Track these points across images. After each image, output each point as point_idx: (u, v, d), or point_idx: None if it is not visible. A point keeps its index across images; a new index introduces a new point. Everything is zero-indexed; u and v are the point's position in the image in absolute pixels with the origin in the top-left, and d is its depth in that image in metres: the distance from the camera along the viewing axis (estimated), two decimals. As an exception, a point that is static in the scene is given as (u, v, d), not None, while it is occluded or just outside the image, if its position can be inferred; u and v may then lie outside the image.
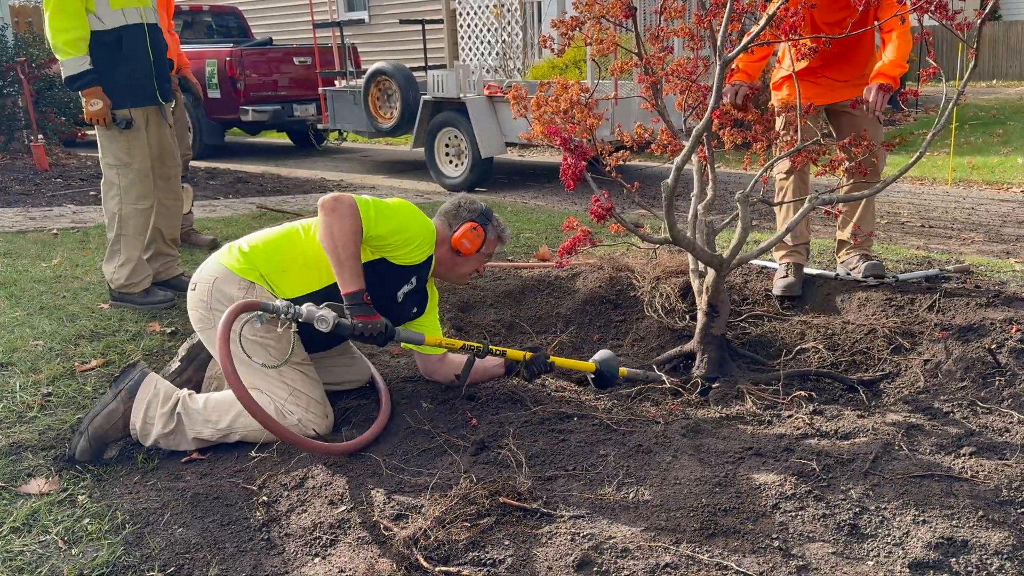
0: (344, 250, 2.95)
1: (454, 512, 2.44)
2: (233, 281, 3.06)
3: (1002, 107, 13.88)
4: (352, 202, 2.97)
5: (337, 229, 2.94)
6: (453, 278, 3.46)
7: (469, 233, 3.27)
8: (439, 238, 3.30)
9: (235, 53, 11.56)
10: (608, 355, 3.59)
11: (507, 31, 10.47)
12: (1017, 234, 6.41)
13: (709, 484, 2.60)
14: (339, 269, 2.97)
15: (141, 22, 4.46)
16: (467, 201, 3.38)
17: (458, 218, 3.32)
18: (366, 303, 2.99)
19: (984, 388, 3.29)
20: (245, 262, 3.09)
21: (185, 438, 3.01)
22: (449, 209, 3.36)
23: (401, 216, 3.14)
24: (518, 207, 7.69)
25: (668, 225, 3.39)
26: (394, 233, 3.08)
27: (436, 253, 3.30)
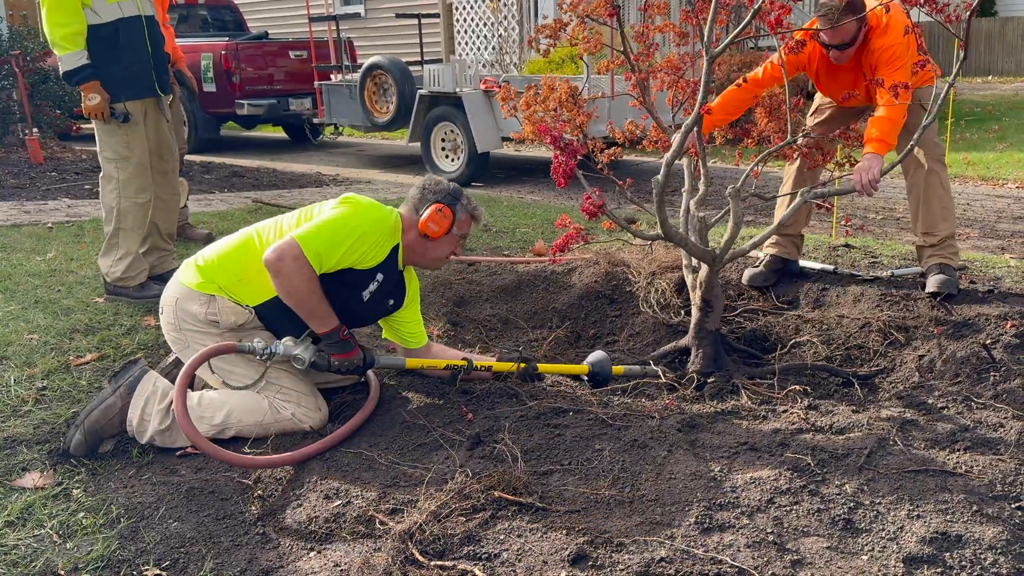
0: (305, 303, 2.96)
1: (450, 506, 2.44)
2: (193, 298, 3.08)
3: (997, 103, 13.89)
4: (296, 254, 2.89)
5: (290, 288, 2.92)
6: (428, 264, 3.36)
7: (435, 216, 3.17)
8: (405, 225, 3.22)
9: (231, 47, 11.53)
10: (601, 356, 3.58)
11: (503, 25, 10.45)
12: (1012, 230, 6.42)
13: (704, 479, 2.61)
14: (308, 319, 3.00)
15: (138, 14, 4.44)
16: (432, 183, 3.28)
17: (424, 201, 3.22)
18: (343, 339, 3.05)
19: (979, 383, 3.29)
20: (202, 277, 3.10)
21: (180, 435, 3.01)
22: (414, 194, 3.26)
23: (351, 231, 3.03)
24: (514, 202, 7.69)
25: (659, 221, 3.39)
26: (349, 253, 3.01)
27: (404, 241, 3.21)
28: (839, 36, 3.85)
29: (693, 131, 3.49)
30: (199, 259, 3.16)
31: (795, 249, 4.58)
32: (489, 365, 3.41)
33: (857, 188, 3.65)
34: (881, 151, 3.72)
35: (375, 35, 15.60)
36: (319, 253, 2.93)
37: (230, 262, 3.11)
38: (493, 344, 4.00)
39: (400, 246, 3.22)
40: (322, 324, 3.02)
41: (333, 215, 3.05)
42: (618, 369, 3.60)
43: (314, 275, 2.93)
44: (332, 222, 3.02)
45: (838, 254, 5.13)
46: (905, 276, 4.41)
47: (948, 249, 4.19)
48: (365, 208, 3.14)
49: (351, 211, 3.09)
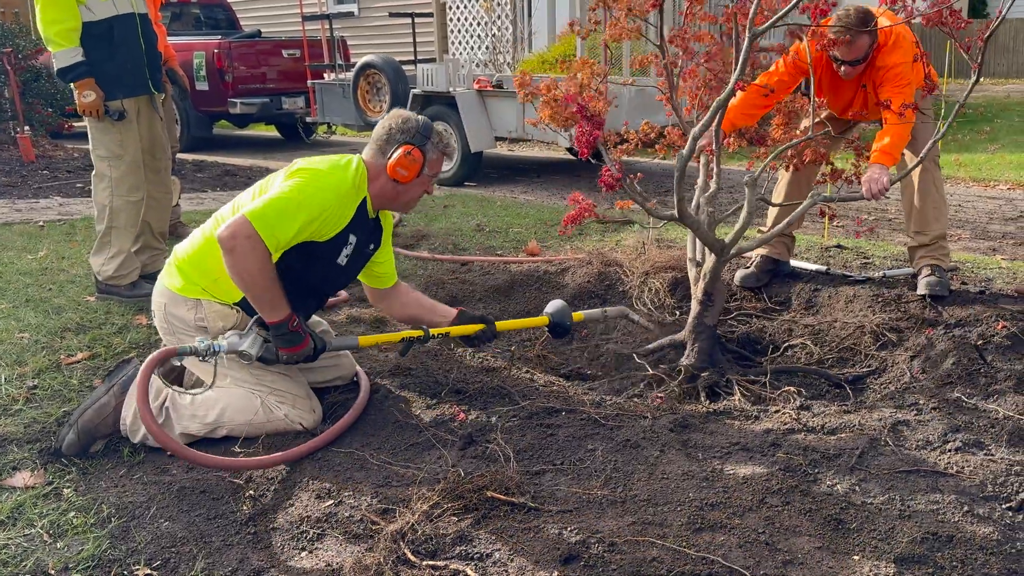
0: (256, 287, 2.82)
1: (442, 506, 2.44)
2: (180, 303, 3.04)
3: (989, 105, 13.93)
4: (249, 232, 2.74)
5: (242, 270, 2.78)
6: (400, 208, 3.21)
7: (404, 160, 3.01)
8: (371, 173, 3.07)
9: (223, 45, 11.50)
10: (560, 304, 3.57)
11: (497, 25, 10.44)
12: (1003, 231, 6.44)
13: (696, 479, 2.61)
14: (258, 305, 2.87)
15: (132, 12, 4.43)
16: (399, 121, 3.08)
17: (391, 142, 3.05)
18: (291, 331, 2.91)
19: (970, 384, 3.30)
20: (184, 279, 3.04)
21: (173, 434, 2.99)
22: (380, 135, 3.08)
23: (303, 203, 2.86)
24: (507, 202, 7.69)
25: (676, 199, 3.37)
26: (307, 225, 2.87)
27: (372, 190, 3.07)
28: (854, 53, 3.89)
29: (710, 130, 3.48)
30: (178, 256, 3.10)
31: (786, 250, 4.60)
32: (447, 331, 3.34)
33: (867, 197, 3.68)
34: (887, 163, 3.78)
35: (369, 34, 15.58)
36: (273, 229, 2.78)
37: (202, 259, 3.03)
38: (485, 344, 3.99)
39: (368, 197, 3.08)
40: (272, 312, 2.87)
41: (285, 188, 2.89)
42: (578, 315, 3.60)
43: (268, 256, 2.79)
44: (284, 195, 2.86)
45: (830, 255, 5.14)
46: (897, 277, 4.42)
47: (939, 250, 4.21)
48: (318, 175, 2.96)
49: (303, 181, 2.92)
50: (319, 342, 3.04)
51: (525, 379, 3.51)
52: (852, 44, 3.85)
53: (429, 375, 3.47)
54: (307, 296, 3.11)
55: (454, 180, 9.00)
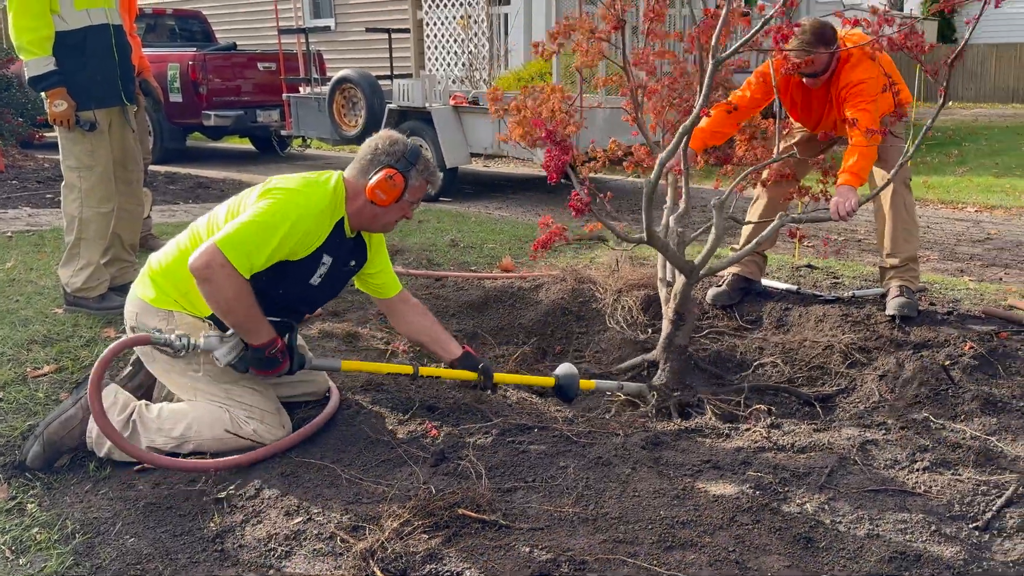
0: (234, 314, 2.80)
1: (412, 524, 2.42)
2: (152, 313, 3.01)
3: (958, 128, 14.16)
4: (222, 261, 2.70)
5: (220, 299, 2.76)
6: (377, 229, 3.16)
7: (384, 183, 2.95)
8: (350, 192, 3.01)
9: (198, 57, 11.45)
10: (570, 369, 3.44)
11: (473, 42, 10.48)
12: (971, 253, 6.53)
13: (668, 497, 2.61)
14: (237, 330, 2.86)
15: (106, 23, 4.40)
16: (387, 143, 3.02)
17: (374, 163, 2.99)
18: (268, 357, 2.88)
19: (937, 404, 3.34)
20: (157, 290, 3.01)
21: (139, 447, 2.96)
22: (365, 154, 3.02)
23: (277, 225, 2.81)
24: (482, 218, 7.69)
25: (645, 223, 3.39)
26: (280, 247, 2.82)
27: (350, 210, 3.02)
28: (811, 66, 3.93)
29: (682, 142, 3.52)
30: (152, 266, 3.07)
31: (758, 269, 4.64)
32: (438, 374, 3.31)
33: (834, 218, 3.71)
34: (855, 183, 3.80)
35: (345, 49, 15.58)
36: (247, 256, 2.74)
37: (176, 271, 2.99)
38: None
39: (346, 218, 3.03)
40: (253, 336, 2.85)
41: (257, 210, 2.83)
42: (588, 384, 3.48)
43: (244, 284, 2.76)
44: (256, 219, 2.80)
45: (801, 274, 5.19)
46: (866, 297, 4.47)
47: (909, 271, 4.26)
48: (291, 195, 2.90)
49: (276, 203, 2.86)
50: (298, 361, 3.01)
51: (498, 396, 3.50)
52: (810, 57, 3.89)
53: (402, 391, 3.46)
54: (280, 313, 3.07)
55: (429, 196, 9.00)
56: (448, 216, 7.64)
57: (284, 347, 2.94)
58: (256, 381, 3.06)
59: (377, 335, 4.14)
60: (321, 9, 16.48)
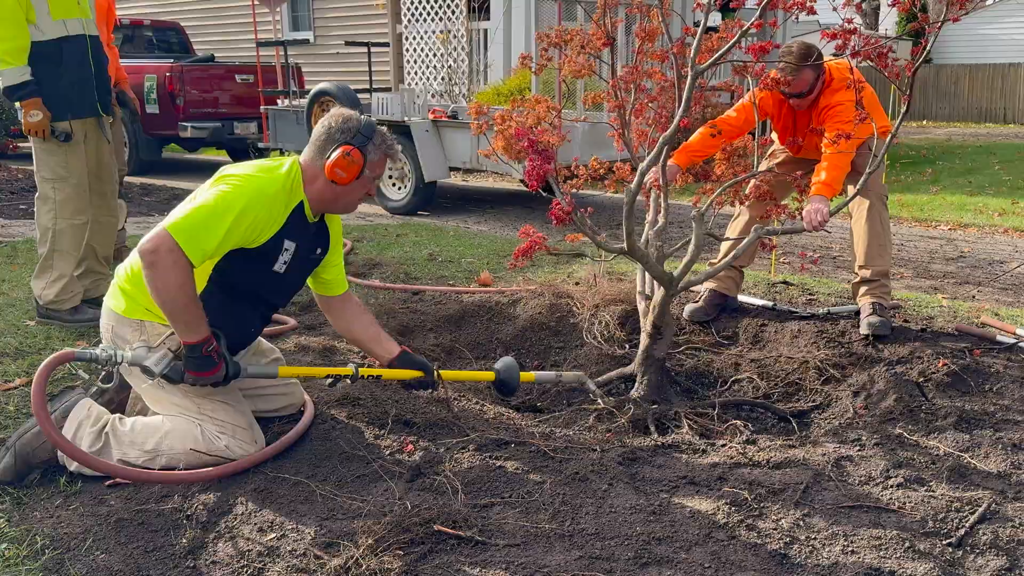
0: (172, 303, 2.71)
1: (388, 540, 2.41)
2: (124, 324, 2.96)
3: (931, 147, 14.35)
4: (171, 246, 2.63)
5: (161, 285, 2.66)
6: (339, 210, 3.10)
7: (342, 161, 2.87)
8: (308, 175, 2.94)
9: (175, 68, 11.40)
10: (509, 362, 3.47)
11: (453, 57, 10.51)
12: (944, 270, 6.60)
13: (644, 513, 2.61)
14: (173, 322, 2.76)
15: (82, 33, 4.37)
16: (339, 120, 2.95)
17: (330, 142, 2.92)
18: (204, 355, 2.78)
19: (911, 420, 3.36)
20: (126, 299, 2.96)
21: (110, 460, 2.92)
22: (320, 134, 2.95)
23: (227, 210, 2.74)
24: (460, 232, 7.69)
25: (626, 233, 3.40)
26: (232, 231, 2.74)
27: (309, 193, 2.95)
28: (797, 86, 4.08)
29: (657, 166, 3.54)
30: (120, 277, 3.02)
31: (734, 285, 4.67)
32: (379, 374, 3.24)
33: (807, 228, 3.75)
34: (828, 194, 3.88)
35: (324, 62, 15.56)
36: (197, 240, 2.66)
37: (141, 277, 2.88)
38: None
39: (305, 201, 2.96)
40: (187, 332, 2.73)
41: (208, 196, 2.77)
42: (528, 376, 3.50)
43: (190, 272, 2.67)
44: (207, 204, 2.73)
45: (776, 290, 5.22)
46: (841, 314, 4.50)
47: (882, 288, 4.30)
48: (243, 180, 2.83)
49: (228, 188, 2.79)
50: (232, 369, 2.91)
51: (475, 410, 3.49)
52: (796, 78, 4.04)
53: (378, 405, 3.44)
54: (247, 306, 3.03)
55: (407, 209, 8.99)
56: (426, 230, 7.63)
57: (218, 348, 2.84)
58: (229, 395, 3.02)
59: (354, 348, 4.12)
60: (300, 22, 16.47)
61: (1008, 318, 4.65)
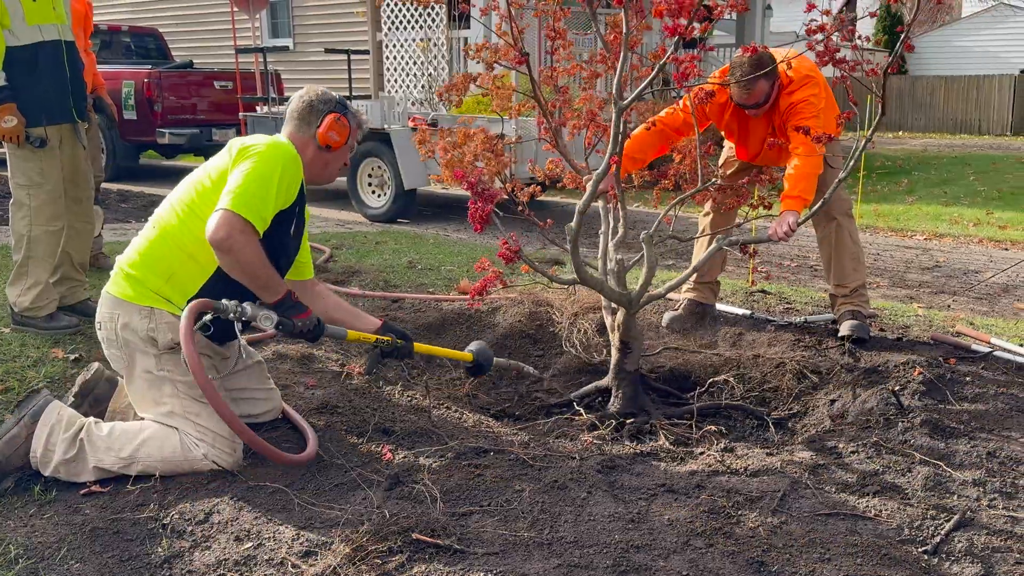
0: (259, 275, 2.86)
1: (366, 548, 2.40)
2: (133, 312, 2.97)
3: (907, 158, 14.50)
4: (242, 226, 2.77)
5: (245, 263, 2.80)
6: (326, 178, 3.26)
7: (335, 125, 3.08)
8: (300, 146, 3.09)
9: (153, 75, 11.34)
10: (482, 345, 3.75)
11: (433, 64, 10.52)
12: (920, 280, 6.66)
13: (622, 520, 2.62)
14: (261, 290, 2.90)
15: (58, 39, 4.34)
16: (317, 93, 3.14)
17: (315, 113, 3.10)
18: (296, 302, 2.97)
19: (887, 428, 3.39)
20: (135, 286, 2.98)
21: (86, 467, 2.89)
22: (300, 108, 3.11)
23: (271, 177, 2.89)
24: (440, 239, 7.69)
25: (575, 267, 3.44)
26: (279, 195, 2.91)
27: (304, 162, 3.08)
28: (753, 97, 3.95)
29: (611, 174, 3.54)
30: (124, 264, 3.04)
31: (712, 294, 4.69)
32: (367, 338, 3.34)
33: (774, 238, 3.74)
34: (798, 208, 3.80)
35: (303, 69, 15.52)
36: (259, 212, 2.82)
37: (155, 259, 2.99)
38: (415, 382, 3.97)
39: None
40: (275, 292, 2.92)
41: (249, 168, 2.88)
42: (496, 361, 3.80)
43: (259, 242, 2.83)
44: (253, 175, 2.86)
45: (754, 299, 5.25)
46: (818, 323, 4.53)
47: (859, 298, 4.34)
48: (268, 147, 2.96)
49: (261, 156, 2.92)
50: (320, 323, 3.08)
51: (454, 418, 3.49)
52: (751, 90, 3.91)
53: (356, 413, 3.43)
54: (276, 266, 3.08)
55: (387, 217, 8.98)
56: (406, 238, 7.62)
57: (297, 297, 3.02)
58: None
59: (332, 356, 4.11)
60: (279, 29, 16.43)
61: (983, 327, 4.70)
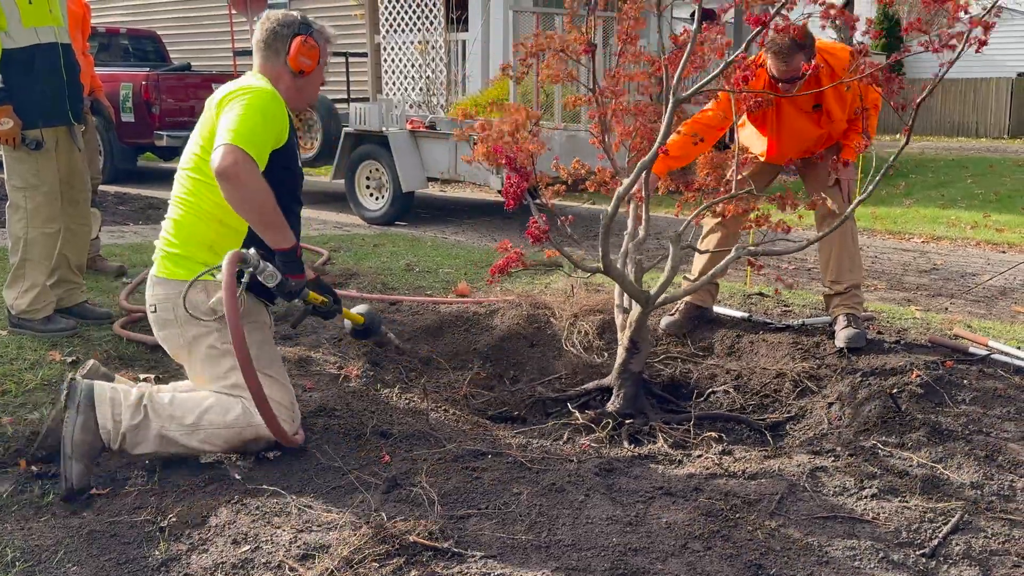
0: (265, 210, 2.84)
1: (363, 552, 2.39)
2: (193, 288, 2.94)
3: (905, 161, 14.50)
4: (244, 156, 2.75)
5: (251, 193, 2.79)
6: (305, 103, 3.24)
7: (303, 49, 3.03)
8: (274, 78, 3.06)
9: (151, 77, 11.34)
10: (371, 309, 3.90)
11: (431, 68, 10.52)
12: (918, 283, 6.67)
13: (620, 523, 2.62)
14: (268, 231, 2.89)
15: (55, 41, 4.33)
16: (277, 19, 3.08)
17: (280, 39, 3.05)
18: (298, 259, 2.97)
19: (885, 431, 3.39)
20: (184, 263, 3.00)
21: (149, 434, 2.91)
22: (265, 38, 3.07)
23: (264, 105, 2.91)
24: (438, 242, 7.69)
25: (602, 254, 3.41)
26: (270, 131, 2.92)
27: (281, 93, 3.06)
28: (790, 72, 3.94)
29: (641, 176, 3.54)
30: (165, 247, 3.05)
31: (710, 297, 4.69)
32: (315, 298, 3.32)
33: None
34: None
35: (302, 71, 15.51)
36: (260, 145, 2.82)
37: (189, 234, 3.01)
38: (413, 385, 3.97)
39: None
40: (283, 237, 2.91)
41: (241, 106, 2.88)
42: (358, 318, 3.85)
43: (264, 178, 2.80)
44: (247, 111, 2.86)
45: (752, 302, 5.25)
46: (816, 325, 4.53)
47: (854, 298, 4.33)
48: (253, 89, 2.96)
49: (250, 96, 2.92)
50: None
51: (451, 421, 3.49)
52: (788, 64, 3.91)
53: (354, 416, 3.42)
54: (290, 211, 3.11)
55: (385, 220, 8.98)
56: (404, 240, 7.62)
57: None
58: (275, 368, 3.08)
59: (330, 359, 4.10)
60: (278, 31, 16.41)
61: (980, 330, 4.70)
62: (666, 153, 3.53)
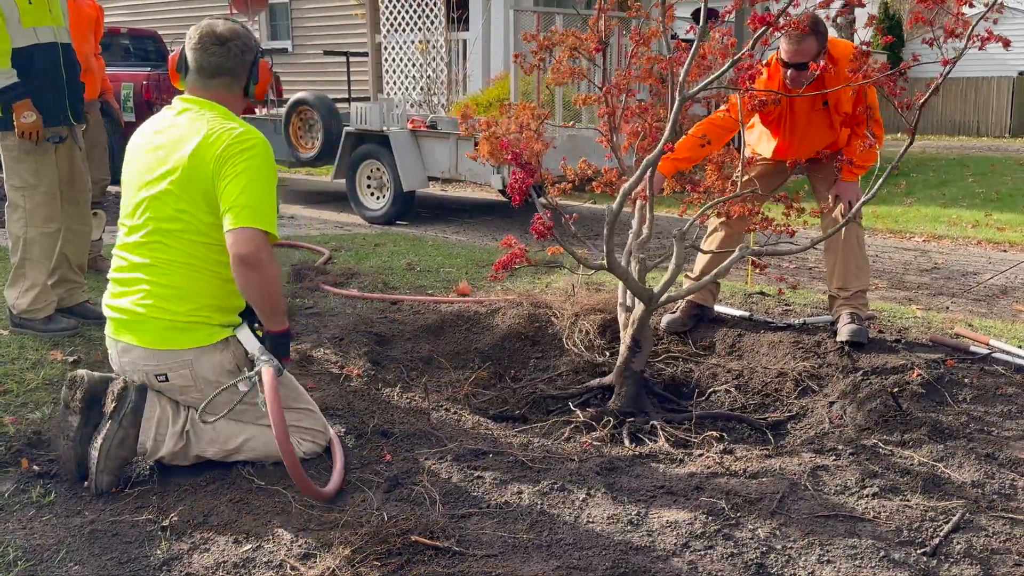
0: (276, 295, 2.81)
1: (365, 551, 2.40)
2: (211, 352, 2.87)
3: (906, 160, 14.46)
4: (264, 241, 2.71)
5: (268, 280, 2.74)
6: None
7: (267, 75, 3.00)
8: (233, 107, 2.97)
9: (152, 77, 11.34)
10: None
11: (432, 67, 10.52)
12: (918, 282, 6.67)
13: (621, 522, 2.62)
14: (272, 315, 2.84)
15: (54, 41, 4.34)
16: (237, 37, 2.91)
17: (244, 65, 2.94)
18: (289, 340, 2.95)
19: (886, 430, 3.39)
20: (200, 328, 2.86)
21: (188, 455, 2.93)
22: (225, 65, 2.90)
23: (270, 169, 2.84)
24: (439, 242, 7.69)
25: (606, 251, 3.42)
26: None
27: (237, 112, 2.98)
28: (800, 56, 3.94)
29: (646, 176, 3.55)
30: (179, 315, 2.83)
31: (711, 296, 4.69)
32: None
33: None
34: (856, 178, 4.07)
35: (302, 71, 15.54)
36: (272, 221, 2.76)
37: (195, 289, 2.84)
38: (414, 384, 3.97)
39: None
40: (281, 321, 2.88)
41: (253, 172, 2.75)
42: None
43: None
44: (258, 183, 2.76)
45: (753, 301, 5.25)
46: (816, 324, 4.53)
47: (858, 300, 4.33)
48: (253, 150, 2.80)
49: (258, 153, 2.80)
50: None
51: (452, 420, 3.49)
52: (799, 46, 3.91)
53: (355, 415, 3.43)
54: None
55: (385, 219, 8.97)
56: (405, 240, 7.62)
57: None
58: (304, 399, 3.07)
59: (332, 359, 4.11)
60: (278, 31, 16.44)
61: (981, 329, 4.70)
62: (672, 150, 3.54)
